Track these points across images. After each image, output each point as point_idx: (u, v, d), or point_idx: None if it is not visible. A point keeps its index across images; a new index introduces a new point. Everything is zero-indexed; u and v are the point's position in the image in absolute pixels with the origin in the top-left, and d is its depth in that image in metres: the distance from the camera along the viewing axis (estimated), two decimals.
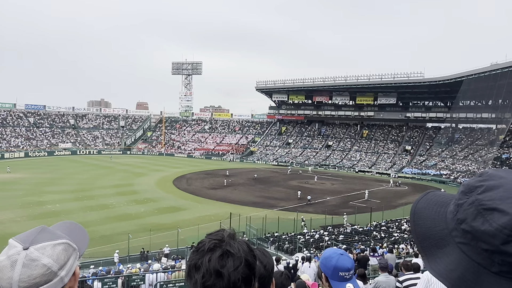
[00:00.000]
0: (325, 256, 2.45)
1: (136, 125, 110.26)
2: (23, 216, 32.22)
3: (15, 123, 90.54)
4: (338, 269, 2.38)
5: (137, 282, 13.43)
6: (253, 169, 68.31)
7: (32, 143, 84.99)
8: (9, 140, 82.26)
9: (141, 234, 27.57)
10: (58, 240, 1.06)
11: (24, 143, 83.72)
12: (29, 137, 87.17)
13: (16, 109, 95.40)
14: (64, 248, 1.06)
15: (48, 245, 1.03)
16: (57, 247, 1.04)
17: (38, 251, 1.00)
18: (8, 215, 32.47)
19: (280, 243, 26.69)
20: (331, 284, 2.41)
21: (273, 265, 2.02)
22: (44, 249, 1.02)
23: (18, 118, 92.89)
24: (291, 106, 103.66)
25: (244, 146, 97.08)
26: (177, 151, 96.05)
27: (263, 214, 32.60)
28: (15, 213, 33.19)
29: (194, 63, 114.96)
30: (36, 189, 43.73)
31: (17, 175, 52.94)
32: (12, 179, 49.60)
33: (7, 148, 77.68)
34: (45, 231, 1.09)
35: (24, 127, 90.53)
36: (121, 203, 38.63)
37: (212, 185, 52.20)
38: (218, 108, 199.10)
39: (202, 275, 1.10)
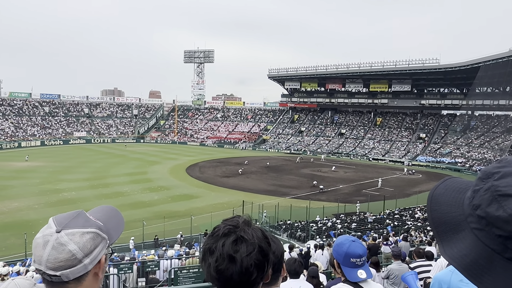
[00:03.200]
0: (338, 243, 2.46)
1: (149, 113, 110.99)
2: (40, 204, 32.95)
3: (31, 112, 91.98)
4: (350, 255, 2.39)
5: (152, 268, 13.65)
6: (266, 157, 68.38)
7: (48, 132, 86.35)
8: (25, 129, 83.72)
9: (155, 221, 27.97)
10: (88, 228, 1.11)
11: (40, 132, 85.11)
12: (45, 126, 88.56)
13: (32, 98, 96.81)
14: (92, 237, 1.11)
15: (78, 232, 1.09)
16: (86, 235, 1.10)
17: (68, 236, 1.07)
18: (26, 202, 33.24)
19: (292, 230, 26.81)
20: (343, 270, 2.42)
21: (282, 251, 2.03)
22: (74, 235, 1.08)
23: (33, 107, 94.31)
24: (304, 94, 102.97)
25: (257, 134, 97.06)
26: (190, 140, 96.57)
27: (275, 202, 32.71)
28: (33, 200, 33.95)
29: (206, 51, 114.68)
30: (53, 177, 44.56)
31: (33, 163, 53.97)
32: (29, 167, 50.60)
33: (23, 137, 79.09)
34: (80, 217, 1.14)
35: (40, 116, 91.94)
36: (135, 191, 39.16)
37: (224, 173, 52.47)
38: (230, 96, 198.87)
39: (216, 259, 1.14)
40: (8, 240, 24.00)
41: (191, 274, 12.21)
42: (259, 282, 1.20)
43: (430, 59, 77.96)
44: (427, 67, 78.20)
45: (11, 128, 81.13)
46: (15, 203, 32.97)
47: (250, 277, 1.15)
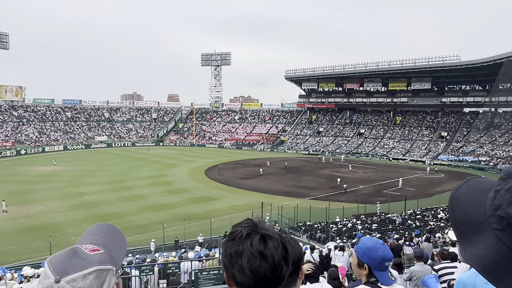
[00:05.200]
0: (369, 247, 2.40)
1: (168, 117, 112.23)
2: (63, 207, 33.71)
3: (53, 117, 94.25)
4: (385, 260, 2.36)
5: (173, 270, 13.78)
6: (284, 159, 68.23)
7: (70, 137, 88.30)
8: (49, 134, 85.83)
9: (175, 223, 28.23)
10: (88, 268, 1.02)
11: (63, 136, 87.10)
12: (67, 131, 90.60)
13: (55, 104, 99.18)
14: (95, 276, 1.02)
15: (79, 276, 1.00)
16: (88, 277, 1.01)
17: (69, 284, 0.98)
18: (51, 206, 34.06)
19: (312, 232, 26.64)
20: (376, 275, 2.37)
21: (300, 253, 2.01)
22: (75, 281, 0.99)
23: (56, 113, 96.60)
24: (321, 94, 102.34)
25: (274, 135, 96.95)
26: (208, 142, 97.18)
27: (294, 203, 32.58)
28: (57, 204, 34.76)
29: (223, 54, 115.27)
30: (75, 180, 45.52)
31: (57, 167, 55.27)
32: (53, 172, 51.83)
33: (47, 142, 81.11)
34: (76, 256, 1.04)
35: (62, 122, 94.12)
36: (155, 193, 39.63)
37: (243, 174, 52.58)
38: (247, 98, 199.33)
39: (247, 259, 1.15)
40: (33, 243, 24.62)
41: (211, 276, 12.27)
42: (284, 278, 1.21)
43: (451, 56, 76.39)
44: (447, 64, 76.58)
45: (35, 134, 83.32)
46: (40, 206, 33.82)
47: (281, 271, 1.18)
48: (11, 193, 37.58)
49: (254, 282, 1.16)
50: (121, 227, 1.32)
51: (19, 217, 30.48)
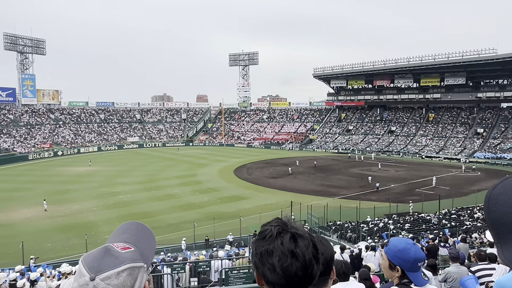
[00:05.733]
0: (400, 249, 2.34)
1: (197, 117, 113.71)
2: (98, 206, 34.79)
3: (88, 119, 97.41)
4: (418, 260, 2.31)
5: (204, 269, 13.94)
6: (313, 157, 67.71)
7: (104, 138, 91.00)
8: (83, 135, 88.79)
9: (205, 222, 28.56)
10: (121, 266, 1.06)
11: (97, 138, 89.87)
12: (101, 133, 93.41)
13: (89, 106, 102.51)
14: (128, 273, 1.07)
15: (112, 274, 1.04)
16: (121, 274, 1.05)
17: (104, 281, 1.02)
18: (86, 205, 35.24)
19: (342, 231, 26.32)
20: (409, 276, 2.32)
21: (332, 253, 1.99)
22: (109, 278, 1.03)
23: (90, 115, 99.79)
24: (351, 92, 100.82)
25: (303, 134, 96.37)
26: (237, 141, 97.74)
27: (324, 202, 32.27)
28: (92, 203, 35.93)
29: (250, 53, 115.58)
30: (109, 180, 46.88)
31: (92, 168, 57.09)
32: (88, 172, 53.59)
33: (82, 143, 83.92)
34: (109, 254, 1.09)
35: (96, 123, 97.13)
36: (186, 193, 40.24)
37: (272, 174, 52.56)
38: (275, 97, 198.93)
39: (278, 258, 1.16)
40: (70, 241, 25.54)
41: (241, 275, 12.35)
42: (315, 277, 1.22)
43: (486, 49, 73.37)
44: (483, 58, 73.61)
45: (71, 135, 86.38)
46: (76, 205, 35.06)
47: (312, 270, 1.19)
48: (50, 192, 39.12)
49: (285, 280, 1.17)
50: (153, 226, 1.35)
51: (57, 216, 31.71)
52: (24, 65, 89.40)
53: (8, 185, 44.30)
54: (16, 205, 34.88)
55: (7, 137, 74.67)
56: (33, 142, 76.41)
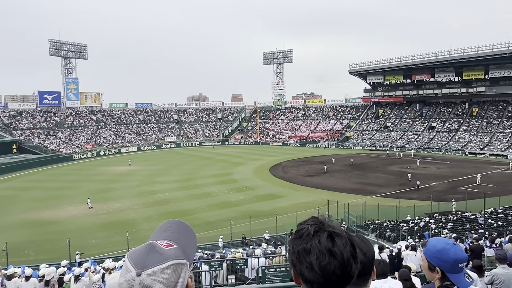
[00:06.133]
0: (438, 249, 2.25)
1: (232, 116, 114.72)
2: (138, 204, 35.88)
3: (127, 120, 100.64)
4: (458, 261, 2.21)
5: (241, 266, 14.06)
6: (350, 155, 66.59)
7: (142, 138, 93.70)
8: (124, 136, 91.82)
9: (242, 220, 28.78)
10: (166, 262, 1.10)
11: (136, 138, 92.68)
12: (140, 133, 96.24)
13: (128, 108, 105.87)
14: (172, 270, 1.10)
15: (158, 270, 1.08)
16: (166, 270, 1.09)
17: (150, 277, 1.06)
18: (127, 203, 36.44)
19: (381, 230, 25.74)
20: (451, 278, 2.23)
21: (373, 252, 1.96)
22: (155, 274, 1.07)
23: (130, 116, 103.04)
24: (388, 87, 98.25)
25: (339, 131, 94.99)
26: (272, 140, 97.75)
27: (361, 201, 31.68)
28: (132, 201, 37.10)
29: (284, 51, 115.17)
30: (148, 179, 48.23)
31: (132, 167, 58.96)
32: (128, 171, 55.38)
33: (122, 144, 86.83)
34: (154, 251, 1.13)
35: (135, 124, 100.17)
36: (222, 191, 40.71)
37: (308, 172, 52.19)
38: (310, 94, 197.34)
39: (316, 256, 1.17)
40: (113, 238, 26.50)
41: (278, 273, 12.35)
42: (354, 276, 1.22)
43: None
44: None
45: (112, 136, 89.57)
46: (117, 204, 36.33)
47: (350, 269, 1.19)
48: (93, 191, 40.76)
49: (323, 279, 1.17)
50: (191, 223, 1.39)
51: (100, 213, 33.01)
52: (68, 69, 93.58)
53: (55, 184, 46.57)
54: (62, 203, 36.61)
55: (54, 138, 78.49)
56: (77, 143, 79.91)
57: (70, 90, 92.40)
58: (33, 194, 40.31)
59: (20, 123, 79.75)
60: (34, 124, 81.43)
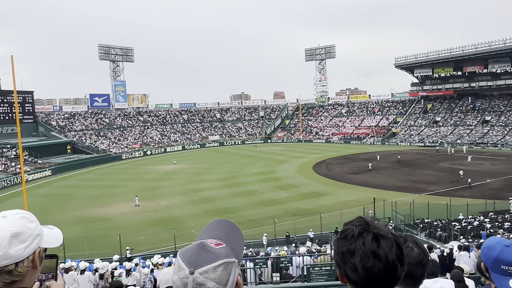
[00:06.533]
0: (487, 245, 2.16)
1: (275, 114, 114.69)
2: (184, 202, 36.80)
3: (172, 120, 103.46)
4: (500, 262, 2.08)
5: (285, 264, 14.02)
6: (396, 152, 64.50)
7: (187, 137, 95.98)
8: (169, 136, 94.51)
9: (285, 218, 28.70)
10: (217, 261, 1.14)
11: (181, 137, 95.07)
12: (184, 132, 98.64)
13: (173, 108, 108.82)
14: (223, 268, 1.14)
15: (210, 268, 1.12)
16: (218, 269, 1.12)
17: (202, 275, 1.10)
18: (173, 201, 37.49)
19: (431, 230, 24.73)
20: (491, 276, 2.12)
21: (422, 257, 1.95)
22: (207, 272, 1.11)
23: (174, 116, 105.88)
24: (437, 81, 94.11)
25: (385, 128, 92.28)
26: (315, 137, 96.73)
27: (410, 199, 30.56)
28: (178, 199, 38.12)
29: (327, 47, 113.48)
30: (193, 178, 49.33)
31: (177, 166, 60.56)
32: (174, 170, 56.94)
33: (168, 143, 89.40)
34: (204, 250, 1.16)
35: (180, 124, 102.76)
36: (265, 189, 40.82)
37: (352, 169, 51.17)
38: (354, 90, 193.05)
39: (360, 258, 1.18)
40: (160, 234, 27.35)
41: (323, 272, 12.19)
42: (400, 278, 1.21)
43: None
44: None
45: (158, 136, 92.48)
46: (164, 201, 37.47)
47: (396, 271, 1.19)
48: (141, 189, 42.28)
49: (367, 281, 1.18)
50: (235, 221, 1.38)
51: (148, 211, 34.19)
52: (116, 72, 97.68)
53: (106, 182, 48.79)
54: (113, 201, 38.29)
55: (104, 139, 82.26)
56: (125, 143, 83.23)
57: (118, 92, 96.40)
58: (86, 192, 42.48)
59: (74, 125, 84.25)
60: (86, 126, 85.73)
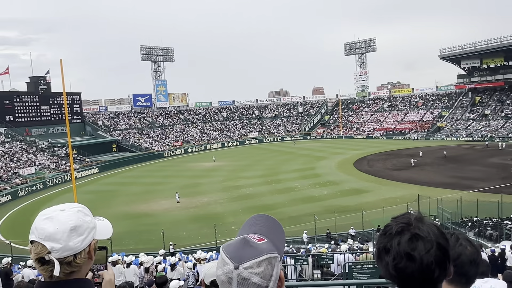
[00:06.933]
0: None
1: (314, 110, 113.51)
2: (224, 199, 37.27)
3: (212, 118, 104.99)
4: None
5: (326, 262, 13.86)
6: (442, 147, 61.97)
7: (226, 135, 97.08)
8: (209, 133, 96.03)
9: (326, 215, 28.36)
10: (261, 256, 1.14)
11: (220, 135, 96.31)
12: (224, 130, 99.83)
13: (212, 106, 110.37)
14: (267, 263, 1.14)
15: (254, 263, 1.13)
16: (262, 264, 1.13)
17: (247, 270, 1.11)
18: (213, 197, 38.07)
19: (480, 228, 23.56)
20: None
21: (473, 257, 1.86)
22: (251, 267, 1.12)
23: (214, 114, 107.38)
24: (486, 72, 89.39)
25: (430, 122, 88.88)
26: (356, 133, 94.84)
27: (457, 196, 29.24)
28: (218, 196, 38.65)
29: (367, 40, 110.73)
30: (233, 175, 49.82)
31: (217, 163, 61.40)
32: (214, 167, 57.80)
33: (208, 141, 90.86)
34: (248, 246, 1.17)
35: (219, 121, 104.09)
36: (305, 186, 40.53)
37: (395, 166, 49.72)
38: (396, 84, 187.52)
39: (393, 257, 1.16)
40: (202, 230, 27.86)
41: (365, 270, 11.94)
42: (442, 280, 1.17)
43: None
44: None
45: (198, 134, 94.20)
46: (205, 198, 38.13)
47: (433, 274, 1.14)
48: (182, 186, 43.25)
49: (399, 280, 1.17)
50: (275, 218, 1.35)
51: (190, 207, 34.93)
52: (157, 72, 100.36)
53: (149, 179, 50.32)
54: (156, 197, 39.44)
55: (147, 137, 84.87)
56: (167, 141, 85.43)
57: (160, 91, 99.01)
58: (131, 189, 44.03)
59: (118, 124, 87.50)
60: (130, 125, 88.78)
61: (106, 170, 59.01)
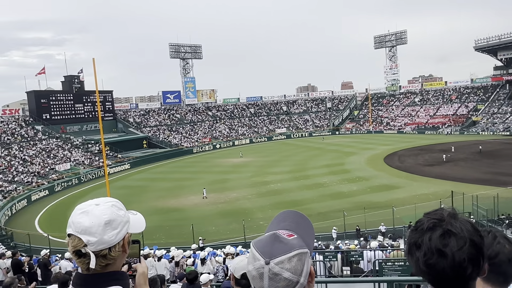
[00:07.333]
0: None
1: (342, 105, 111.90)
2: (252, 194, 37.42)
3: (240, 114, 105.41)
4: None
5: (356, 258, 13.68)
6: (477, 142, 59.80)
7: (254, 131, 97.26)
8: (237, 129, 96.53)
9: (355, 212, 27.99)
10: (291, 252, 1.14)
11: (248, 131, 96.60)
12: (251, 126, 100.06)
13: (240, 102, 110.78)
14: (297, 259, 1.15)
15: (285, 259, 1.13)
16: (292, 259, 1.14)
17: (278, 265, 1.12)
18: (242, 193, 38.30)
19: None
20: None
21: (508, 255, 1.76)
22: (282, 263, 1.12)
23: (242, 110, 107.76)
24: None
25: (464, 116, 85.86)
26: (386, 128, 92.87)
27: (493, 192, 28.16)
28: (247, 191, 38.86)
29: (397, 33, 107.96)
30: (261, 170, 49.92)
31: (245, 159, 61.68)
32: (242, 163, 58.10)
33: (236, 137, 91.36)
34: (278, 241, 1.17)
35: (247, 117, 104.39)
36: (334, 182, 40.11)
37: (427, 161, 48.43)
38: (428, 77, 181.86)
39: (424, 253, 1.15)
40: (230, 225, 28.11)
41: (396, 267, 11.72)
42: (475, 277, 1.15)
43: None
44: None
45: (226, 130, 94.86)
46: (233, 193, 38.41)
47: (465, 272, 1.13)
48: (211, 182, 43.74)
49: (430, 276, 1.15)
50: (304, 214, 1.34)
51: (218, 203, 35.30)
52: (186, 69, 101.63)
53: (179, 175, 51.18)
54: (185, 192, 40.08)
55: (176, 134, 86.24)
56: (196, 137, 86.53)
57: (188, 88, 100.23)
58: (161, 185, 44.92)
59: (148, 121, 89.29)
60: (160, 121, 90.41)
61: (137, 166, 60.43)
